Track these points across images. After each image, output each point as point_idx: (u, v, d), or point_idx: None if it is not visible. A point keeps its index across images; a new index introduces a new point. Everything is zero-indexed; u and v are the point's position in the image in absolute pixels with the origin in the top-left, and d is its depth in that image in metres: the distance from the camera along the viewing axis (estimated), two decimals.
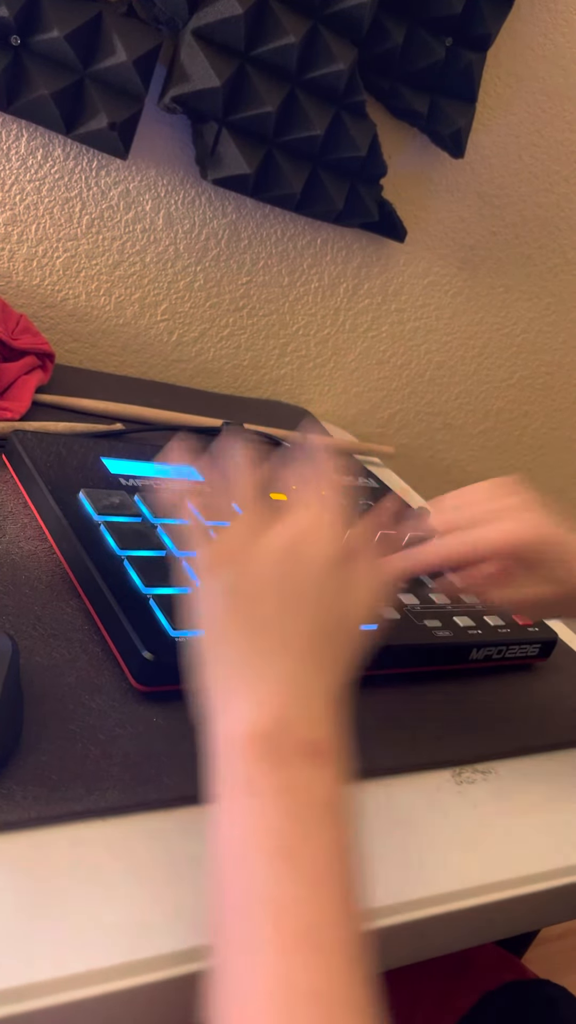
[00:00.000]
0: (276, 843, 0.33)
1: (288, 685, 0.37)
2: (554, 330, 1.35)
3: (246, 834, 0.34)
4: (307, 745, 0.36)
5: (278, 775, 0.35)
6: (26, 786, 0.41)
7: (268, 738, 0.36)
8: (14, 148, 0.87)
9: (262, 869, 0.33)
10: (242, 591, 0.40)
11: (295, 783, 0.35)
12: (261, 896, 0.32)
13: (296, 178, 0.94)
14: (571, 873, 0.52)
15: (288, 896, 0.32)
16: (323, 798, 0.35)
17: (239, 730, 0.36)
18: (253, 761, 0.35)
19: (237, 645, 0.39)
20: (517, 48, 1.06)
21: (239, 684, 0.37)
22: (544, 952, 1.35)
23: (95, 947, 0.37)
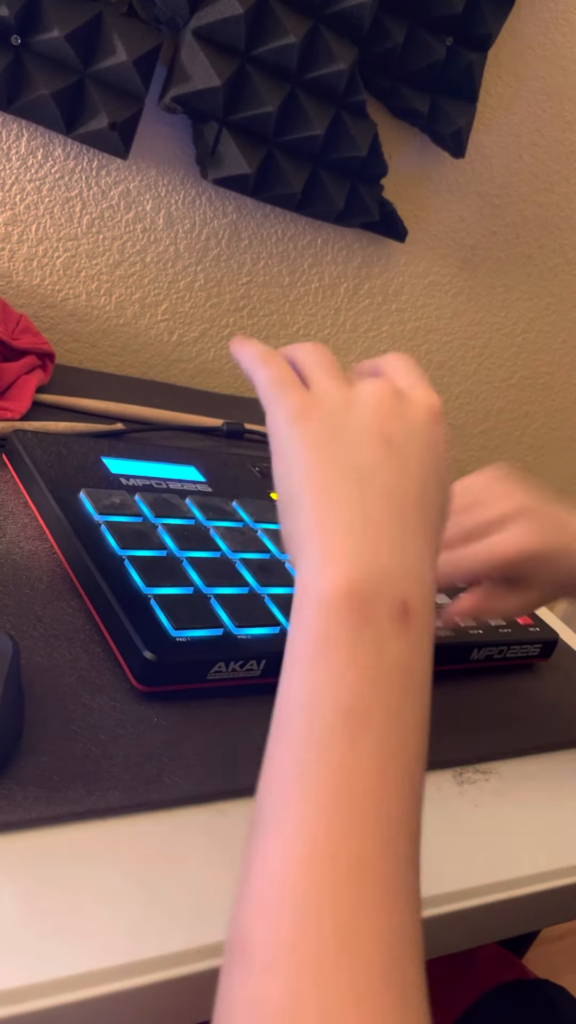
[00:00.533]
0: (347, 702, 0.32)
1: (390, 539, 0.35)
2: (554, 330, 1.35)
3: (316, 688, 0.32)
4: (399, 604, 0.34)
5: (364, 635, 0.33)
6: (27, 786, 0.41)
7: (359, 594, 0.33)
8: (14, 148, 0.87)
9: (327, 725, 0.31)
10: (341, 437, 0.38)
11: (379, 645, 0.33)
12: (320, 753, 0.31)
13: (296, 178, 0.94)
14: (572, 873, 0.52)
15: (348, 760, 0.31)
16: (404, 665, 0.33)
17: (328, 581, 0.34)
18: (339, 616, 0.33)
19: (335, 493, 0.36)
20: (518, 48, 1.06)
21: (334, 532, 0.35)
22: (545, 952, 1.35)
23: (95, 948, 0.37)
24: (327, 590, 0.33)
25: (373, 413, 0.38)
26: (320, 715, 0.32)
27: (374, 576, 0.34)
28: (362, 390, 0.39)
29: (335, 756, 0.31)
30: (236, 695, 0.53)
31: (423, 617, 0.35)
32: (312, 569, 0.35)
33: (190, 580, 0.56)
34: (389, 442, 0.38)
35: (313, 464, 0.37)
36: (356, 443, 0.37)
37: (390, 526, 0.36)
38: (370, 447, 0.37)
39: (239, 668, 0.52)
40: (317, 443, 0.37)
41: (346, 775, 0.30)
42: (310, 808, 0.30)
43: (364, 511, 0.36)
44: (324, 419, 0.38)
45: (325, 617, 0.33)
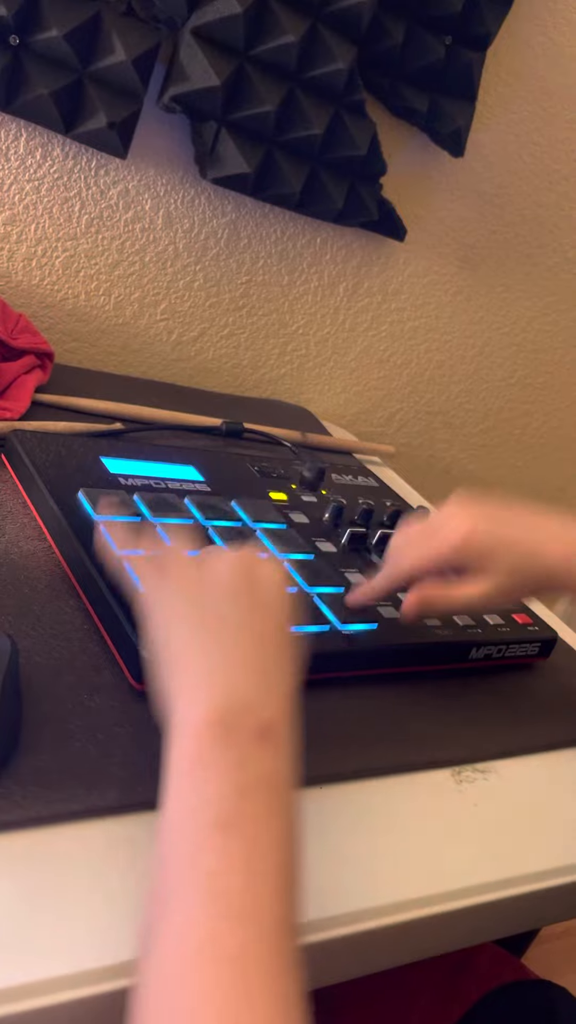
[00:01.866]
0: (216, 814, 0.35)
1: (246, 672, 0.40)
2: (554, 329, 1.34)
3: (189, 805, 0.36)
4: (258, 726, 0.38)
5: (227, 752, 0.37)
6: (25, 785, 0.41)
7: (221, 718, 0.38)
8: (13, 148, 0.87)
9: (199, 837, 0.35)
10: (198, 598, 0.43)
11: (242, 761, 0.37)
12: (196, 862, 0.34)
13: (296, 177, 0.94)
14: (571, 872, 0.52)
15: (221, 866, 0.34)
16: (268, 776, 0.37)
17: (195, 712, 0.38)
18: (205, 739, 0.38)
19: (197, 643, 0.41)
20: (517, 47, 1.06)
21: (197, 672, 0.40)
22: (544, 951, 1.35)
23: (93, 946, 0.37)
24: (196, 719, 0.38)
25: (226, 575, 0.44)
26: (194, 826, 0.35)
27: (234, 704, 0.39)
28: (215, 560, 0.46)
29: (209, 862, 0.34)
30: None
31: (282, 734, 0.39)
32: (183, 708, 0.39)
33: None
34: (240, 596, 0.44)
35: (176, 622, 0.43)
36: (213, 599, 0.43)
37: (245, 665, 0.41)
38: (226, 600, 0.43)
39: None
40: (178, 604, 0.43)
41: (221, 879, 0.33)
42: (191, 913, 0.33)
43: (222, 656, 0.41)
44: (182, 585, 0.44)
45: (196, 742, 0.38)
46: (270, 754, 0.38)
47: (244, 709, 0.39)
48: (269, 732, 0.38)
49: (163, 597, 0.45)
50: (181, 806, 0.36)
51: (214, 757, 0.37)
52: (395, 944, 0.46)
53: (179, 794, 0.37)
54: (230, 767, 0.37)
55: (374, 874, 0.46)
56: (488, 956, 0.69)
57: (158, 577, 0.46)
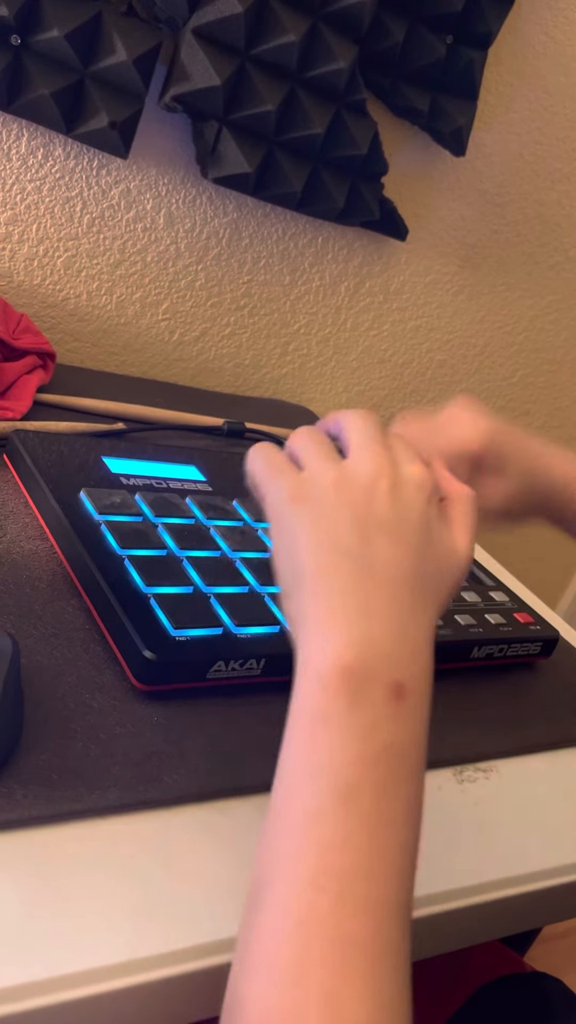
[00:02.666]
0: (340, 783, 0.32)
1: (387, 620, 0.36)
2: (556, 328, 1.34)
3: (310, 765, 0.33)
4: (393, 686, 0.35)
5: (358, 713, 0.34)
6: (27, 785, 0.41)
7: (355, 674, 0.34)
8: (15, 148, 0.87)
9: (320, 805, 0.32)
10: (337, 519, 0.38)
11: (373, 724, 0.34)
12: (312, 832, 0.32)
13: (297, 177, 0.94)
14: (573, 871, 0.52)
15: (339, 837, 0.31)
16: (400, 743, 0.34)
17: (325, 659, 0.35)
18: (334, 694, 0.34)
19: (333, 574, 0.37)
20: (518, 46, 1.06)
21: (334, 616, 0.36)
22: (546, 950, 1.35)
23: (95, 946, 0.37)
24: (324, 668, 0.34)
25: (366, 495, 0.39)
26: (313, 791, 0.32)
27: (369, 657, 0.35)
28: (354, 470, 0.40)
29: (324, 833, 0.32)
30: (236, 694, 0.53)
31: (418, 697, 0.35)
32: (310, 647, 0.35)
33: (190, 579, 0.56)
34: (382, 524, 0.38)
35: (309, 547, 0.37)
36: (350, 526, 0.38)
37: (385, 608, 0.36)
38: (363, 530, 0.38)
39: (239, 667, 0.52)
40: (312, 526, 0.38)
41: (334, 853, 0.31)
42: (299, 884, 0.31)
43: (359, 594, 0.36)
44: (320, 502, 0.39)
45: (322, 694, 0.34)
46: (403, 718, 0.34)
47: (381, 663, 0.35)
48: (405, 692, 0.35)
49: (294, 506, 0.39)
50: (300, 763, 0.33)
51: (342, 716, 0.34)
52: None
53: (299, 756, 0.34)
54: (359, 731, 0.33)
55: None
56: (489, 952, 0.70)
57: (292, 475, 0.40)
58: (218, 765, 0.47)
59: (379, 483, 0.39)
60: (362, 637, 0.35)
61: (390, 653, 0.35)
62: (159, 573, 0.55)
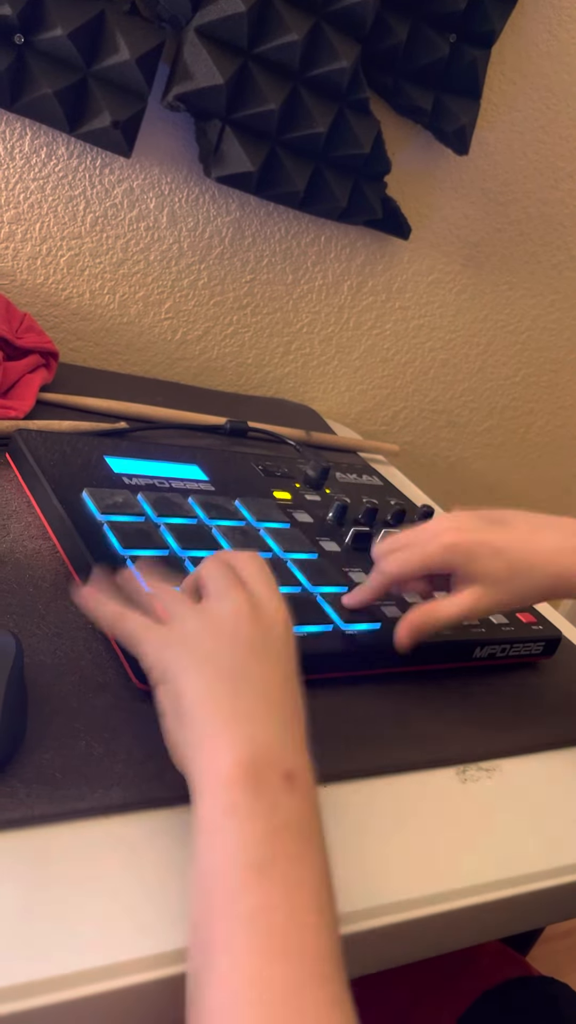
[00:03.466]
0: (253, 857, 0.36)
1: (267, 722, 0.41)
2: (559, 327, 1.34)
3: (226, 851, 0.37)
4: (285, 773, 0.39)
5: (258, 798, 0.38)
6: (29, 784, 0.41)
7: (250, 767, 0.39)
8: (18, 147, 0.87)
9: (239, 879, 0.36)
10: (210, 650, 0.43)
11: (273, 805, 0.38)
12: (237, 904, 0.35)
13: (299, 176, 0.94)
14: (575, 871, 0.52)
15: (262, 903, 0.35)
16: (297, 819, 0.38)
17: (225, 763, 0.39)
18: (236, 788, 0.38)
19: (215, 696, 0.41)
20: (521, 45, 1.06)
21: (216, 723, 0.40)
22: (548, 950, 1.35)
23: (98, 944, 0.37)
24: (224, 769, 0.39)
25: (234, 624, 0.44)
26: (231, 870, 0.36)
27: (260, 753, 0.39)
28: (219, 607, 0.45)
29: (250, 902, 0.35)
30: None
31: (307, 783, 0.40)
32: (206, 761, 0.40)
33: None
34: (252, 646, 0.44)
35: (189, 677, 0.42)
36: (223, 652, 0.43)
37: (265, 713, 0.41)
38: (236, 652, 0.43)
39: None
40: (188, 660, 0.43)
41: (263, 917, 0.34)
42: (239, 953, 0.34)
43: (241, 706, 0.41)
44: (189, 640, 0.44)
45: (225, 792, 0.38)
46: (298, 799, 0.39)
47: (269, 757, 0.39)
48: (294, 778, 0.39)
49: (170, 652, 0.44)
50: (216, 854, 0.37)
51: (246, 804, 0.38)
52: (399, 943, 0.46)
53: (213, 842, 0.37)
54: (262, 812, 0.38)
55: (378, 873, 0.46)
56: (491, 953, 0.70)
57: (159, 630, 0.45)
58: None
59: (241, 613, 0.45)
60: (251, 737, 0.40)
61: (277, 748, 0.40)
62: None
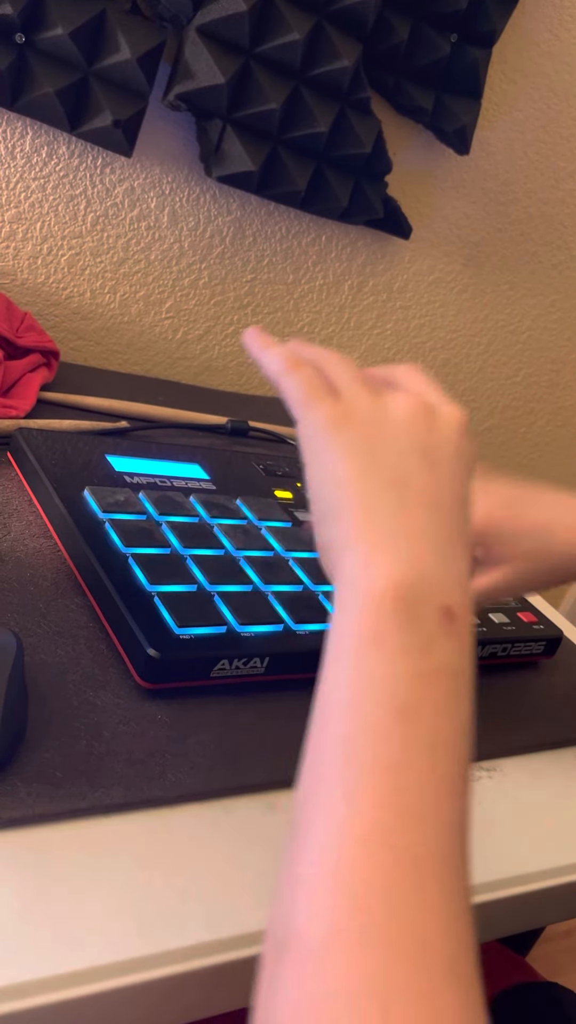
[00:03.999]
0: (396, 701, 0.32)
1: (432, 545, 0.36)
2: (559, 327, 1.34)
3: (366, 686, 0.32)
4: (444, 609, 0.34)
5: (412, 633, 0.33)
6: (30, 783, 0.41)
7: (407, 594, 0.34)
8: (19, 146, 0.87)
9: (375, 722, 0.32)
10: (381, 447, 0.38)
11: (428, 644, 0.33)
12: (369, 750, 0.31)
13: (301, 175, 0.94)
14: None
15: (398, 757, 0.31)
16: (451, 666, 0.34)
17: (374, 583, 0.34)
18: (388, 614, 0.33)
19: (378, 500, 0.36)
20: (522, 44, 1.06)
21: (382, 539, 0.35)
22: (548, 950, 1.35)
23: (98, 944, 0.37)
24: (376, 588, 0.34)
25: (409, 425, 0.39)
26: (369, 710, 0.32)
27: (420, 579, 0.34)
28: (395, 402, 0.40)
29: (386, 750, 0.31)
30: (240, 693, 0.53)
31: (466, 622, 0.35)
32: (358, 569, 0.35)
33: (194, 578, 0.56)
34: (425, 454, 0.38)
35: (353, 473, 0.37)
36: (394, 454, 0.38)
37: (431, 535, 0.36)
38: (408, 458, 0.38)
39: (243, 666, 0.52)
40: (355, 452, 0.38)
41: (397, 770, 0.30)
42: (360, 802, 0.30)
43: (406, 519, 0.36)
44: (361, 428, 0.38)
45: (373, 614, 0.33)
46: (453, 641, 0.34)
47: (431, 587, 0.34)
48: (452, 616, 0.34)
49: (336, 430, 0.38)
50: (349, 688, 0.32)
51: (396, 637, 0.33)
52: None
53: (348, 674, 0.33)
54: (414, 650, 0.33)
55: None
56: (496, 957, 0.70)
57: (335, 401, 0.39)
58: (221, 763, 0.47)
59: (417, 415, 0.39)
60: (412, 560, 0.35)
61: (438, 577, 0.35)
62: (163, 571, 0.55)
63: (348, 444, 0.38)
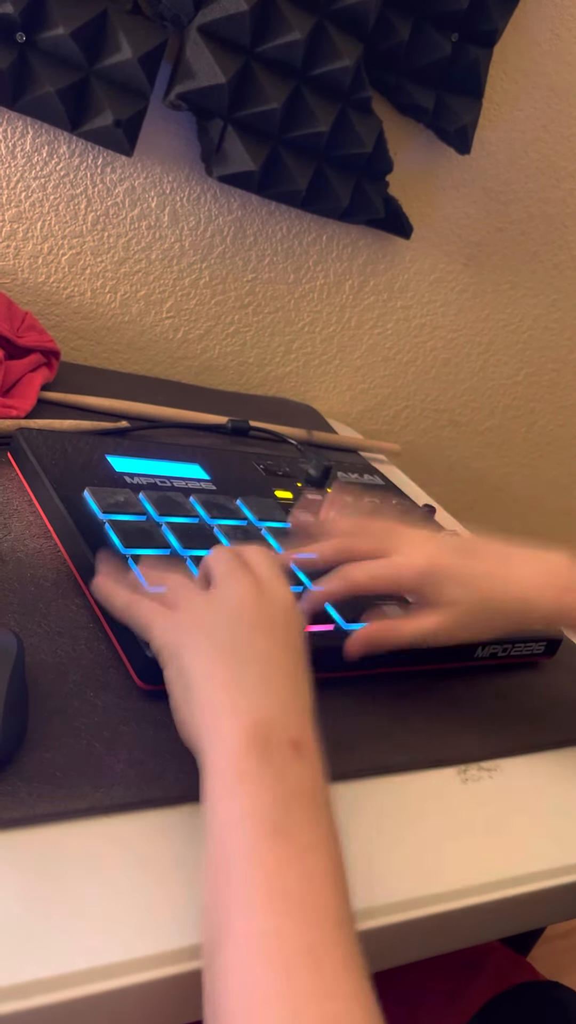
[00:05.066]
0: (266, 823, 0.37)
1: (268, 695, 0.42)
2: (560, 327, 1.34)
3: (238, 818, 0.37)
4: (291, 742, 0.40)
5: (267, 767, 0.39)
6: (31, 783, 0.41)
7: (257, 737, 0.40)
8: (19, 145, 0.87)
9: (254, 844, 0.36)
10: (215, 629, 0.45)
11: (282, 773, 0.39)
12: (254, 867, 0.36)
13: (301, 175, 0.93)
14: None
15: (278, 865, 0.36)
16: (307, 786, 0.39)
17: (228, 735, 0.40)
18: (244, 756, 0.39)
19: (219, 672, 0.43)
20: (523, 44, 1.06)
21: (223, 699, 0.42)
22: (550, 950, 1.35)
23: (99, 944, 0.37)
24: (231, 740, 0.40)
25: (239, 604, 0.46)
26: (245, 837, 0.37)
27: (264, 721, 0.41)
28: (224, 590, 0.47)
29: (266, 865, 0.36)
30: None
31: (313, 751, 0.41)
32: (214, 735, 0.41)
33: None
34: (255, 624, 0.45)
35: (197, 658, 0.43)
36: (228, 630, 0.45)
37: (269, 687, 0.42)
38: (241, 629, 0.45)
39: None
40: (197, 640, 0.44)
41: (279, 880, 0.35)
42: (255, 913, 0.34)
43: (245, 679, 0.42)
44: (192, 621, 0.46)
45: (235, 761, 0.39)
46: (306, 766, 0.40)
47: (276, 725, 0.40)
48: (301, 746, 0.40)
49: (176, 633, 0.45)
50: (228, 822, 0.38)
51: (255, 772, 0.39)
52: (400, 942, 0.46)
53: (224, 811, 0.38)
54: (272, 780, 0.38)
55: (379, 872, 0.46)
56: (498, 957, 0.69)
57: (168, 614, 0.46)
58: None
59: (244, 593, 0.47)
60: (254, 706, 0.41)
61: (281, 717, 0.41)
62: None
63: (189, 639, 0.45)
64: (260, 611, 0.46)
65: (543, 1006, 0.65)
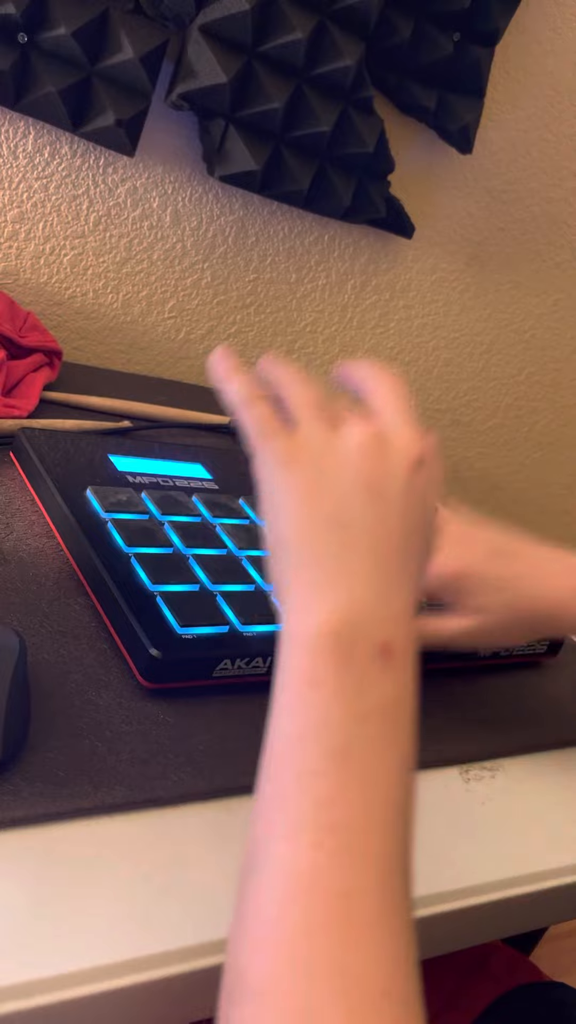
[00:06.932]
0: (333, 740, 0.33)
1: (368, 583, 0.36)
2: (562, 326, 1.34)
3: (304, 727, 0.34)
4: (380, 646, 0.35)
5: (347, 675, 0.34)
6: (33, 782, 0.41)
7: (342, 637, 0.35)
8: (21, 146, 0.87)
9: (312, 767, 0.33)
10: (326, 486, 0.38)
11: (362, 683, 0.34)
12: (304, 793, 0.32)
13: (303, 174, 0.93)
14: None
15: (331, 796, 0.32)
16: (388, 702, 0.34)
17: (312, 625, 0.35)
18: (323, 657, 0.34)
19: (319, 540, 0.37)
20: (525, 43, 1.05)
21: (318, 579, 0.36)
22: (552, 950, 1.35)
23: (101, 944, 0.37)
24: (310, 634, 0.35)
25: (358, 460, 0.39)
26: (305, 752, 0.33)
27: (354, 620, 0.35)
28: (348, 436, 0.40)
29: (319, 791, 0.32)
30: (242, 692, 0.53)
31: (405, 657, 0.36)
32: (296, 614, 0.36)
33: (196, 577, 0.56)
34: (372, 491, 0.38)
35: (298, 512, 0.38)
36: (341, 492, 0.38)
37: (371, 573, 0.37)
38: (352, 497, 0.38)
39: (245, 665, 0.52)
40: (302, 491, 0.38)
41: (330, 809, 0.32)
42: (298, 842, 0.31)
43: (345, 561, 0.37)
44: (309, 466, 0.39)
45: (309, 659, 0.35)
46: (390, 678, 0.35)
47: (365, 624, 0.35)
48: (390, 653, 0.35)
49: (285, 469, 0.39)
50: (291, 727, 0.34)
51: (329, 678, 0.34)
52: None
53: (290, 713, 0.34)
54: (347, 691, 0.34)
55: None
56: (502, 958, 0.69)
57: (287, 436, 0.39)
58: (224, 763, 0.47)
59: (369, 448, 0.39)
60: (347, 600, 0.35)
61: (375, 615, 0.36)
62: (165, 571, 0.55)
63: (295, 483, 0.38)
64: (382, 471, 0.39)
65: (546, 1005, 0.65)
